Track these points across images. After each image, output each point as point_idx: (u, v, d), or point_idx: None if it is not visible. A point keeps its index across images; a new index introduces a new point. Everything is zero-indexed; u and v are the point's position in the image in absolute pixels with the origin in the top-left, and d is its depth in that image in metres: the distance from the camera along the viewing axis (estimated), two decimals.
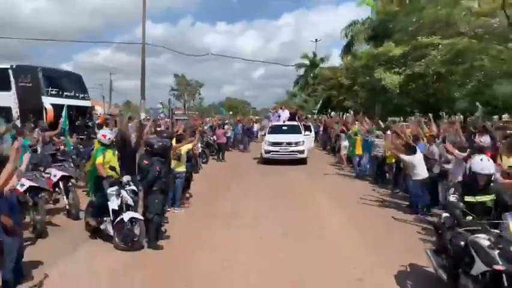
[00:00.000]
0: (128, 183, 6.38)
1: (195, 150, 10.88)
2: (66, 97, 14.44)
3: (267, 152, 16.33)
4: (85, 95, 15.92)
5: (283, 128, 17.61)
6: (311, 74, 39.97)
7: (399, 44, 20.50)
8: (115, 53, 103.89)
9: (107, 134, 6.90)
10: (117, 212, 6.25)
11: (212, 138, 18.35)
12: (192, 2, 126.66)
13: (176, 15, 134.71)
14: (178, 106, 57.11)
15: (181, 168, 8.53)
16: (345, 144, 15.52)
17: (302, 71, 41.70)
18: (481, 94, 18.11)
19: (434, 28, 18.33)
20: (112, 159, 6.78)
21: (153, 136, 8.97)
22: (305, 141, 16.67)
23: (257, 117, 39.91)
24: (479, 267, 3.72)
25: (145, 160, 6.57)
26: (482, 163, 4.32)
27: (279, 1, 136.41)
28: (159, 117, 21.05)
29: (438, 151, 8.22)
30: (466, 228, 4.17)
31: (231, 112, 41.47)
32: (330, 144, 21.02)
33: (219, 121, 23.20)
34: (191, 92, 68.92)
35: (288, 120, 19.00)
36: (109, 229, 6.36)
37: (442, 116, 11.29)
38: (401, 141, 9.23)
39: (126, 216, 6.12)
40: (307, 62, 41.24)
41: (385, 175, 12.11)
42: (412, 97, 22.19)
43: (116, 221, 6.20)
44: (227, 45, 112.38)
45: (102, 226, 6.51)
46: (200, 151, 14.13)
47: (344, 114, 21.33)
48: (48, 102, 13.51)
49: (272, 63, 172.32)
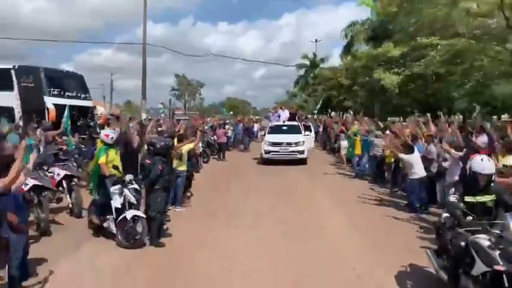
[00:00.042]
0: (130, 181, 6.48)
1: (196, 149, 10.98)
2: (68, 97, 14.50)
3: (267, 152, 16.18)
4: (87, 95, 15.99)
5: (283, 128, 17.45)
6: (311, 74, 40.07)
7: (398, 45, 20.59)
8: (116, 53, 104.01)
9: (110, 134, 7.01)
10: (120, 210, 6.35)
11: (213, 138, 18.40)
12: (192, 2, 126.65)
13: (176, 15, 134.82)
14: (179, 106, 57.30)
15: (183, 167, 8.62)
16: (344, 144, 15.58)
17: (302, 71, 41.86)
18: (480, 94, 18.23)
19: (433, 29, 18.40)
20: (115, 158, 6.90)
21: (154, 136, 9.07)
22: (305, 141, 16.52)
23: (257, 117, 40.01)
24: (479, 267, 3.71)
25: (147, 159, 6.67)
26: (482, 163, 4.28)
27: (280, 1, 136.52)
28: (160, 117, 21.17)
29: (436, 150, 8.33)
30: (467, 228, 4.15)
31: (232, 112, 41.51)
32: (330, 144, 21.09)
33: (220, 121, 23.30)
34: (192, 92, 68.96)
35: (288, 120, 18.85)
36: (112, 227, 6.45)
37: (440, 116, 11.37)
38: (400, 140, 9.34)
39: (129, 214, 6.23)
40: (307, 63, 41.40)
41: (384, 174, 12.20)
42: (411, 97, 22.32)
43: (119, 219, 6.29)
44: (228, 45, 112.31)
45: (105, 224, 6.60)
46: (201, 151, 14.22)
47: (344, 114, 21.39)
48: (50, 102, 13.56)
49: (272, 63, 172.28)
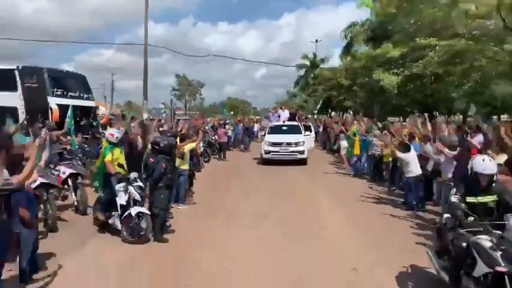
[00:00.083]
0: (135, 179, 6.67)
1: (198, 149, 11.17)
2: (71, 97, 14.60)
3: (267, 153, 16.12)
4: (89, 96, 16.09)
5: (283, 128, 17.38)
6: (311, 75, 40.13)
7: (397, 46, 20.70)
8: (116, 54, 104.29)
9: (114, 133, 7.21)
10: (125, 207, 6.54)
11: (214, 137, 18.57)
12: (193, 2, 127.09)
13: (177, 15, 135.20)
14: (179, 106, 57.49)
15: (185, 166, 8.84)
16: (344, 144, 15.69)
17: (303, 72, 41.96)
18: (479, 94, 18.34)
19: (433, 30, 18.53)
20: (120, 157, 7.08)
21: (157, 135, 9.25)
22: (305, 141, 16.43)
23: (257, 117, 40.17)
24: (481, 268, 3.68)
25: (151, 158, 6.85)
26: (484, 163, 4.22)
27: (280, 1, 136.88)
28: (161, 117, 21.37)
29: (432, 149, 8.52)
30: (468, 229, 4.12)
31: (232, 112, 41.72)
32: (329, 144, 21.24)
33: (220, 121, 23.49)
34: (192, 92, 69.19)
35: (288, 120, 18.80)
36: (117, 223, 6.65)
37: (436, 116, 11.57)
38: (396, 139, 9.55)
39: (133, 211, 6.41)
40: (307, 63, 41.54)
41: (382, 173, 12.38)
42: (410, 97, 22.40)
43: (124, 216, 6.48)
44: (228, 45, 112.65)
45: (110, 220, 6.80)
46: (202, 150, 14.41)
47: (344, 114, 21.56)
48: (54, 102, 13.67)
49: (273, 64, 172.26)
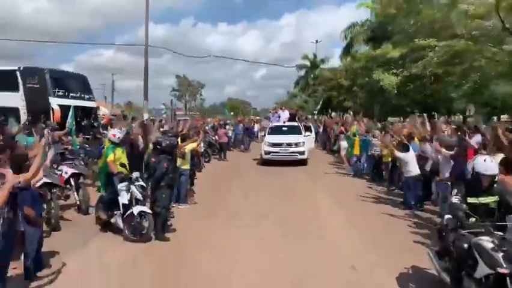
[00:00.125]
0: (137, 179, 6.76)
1: (199, 149, 11.25)
2: (72, 98, 14.68)
3: (267, 153, 16.05)
4: (90, 96, 16.17)
5: (283, 129, 17.31)
6: (312, 75, 40.23)
7: (397, 46, 20.81)
8: (116, 54, 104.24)
9: (116, 134, 7.29)
10: (127, 206, 6.62)
11: (214, 138, 18.63)
12: (193, 3, 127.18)
13: (177, 15, 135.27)
14: (180, 107, 57.51)
15: (186, 166, 8.92)
16: (344, 144, 15.74)
17: (303, 72, 42.05)
18: (479, 95, 18.45)
19: (432, 30, 18.60)
20: (122, 156, 7.17)
21: (158, 135, 9.33)
22: (305, 142, 16.35)
23: (257, 117, 40.22)
24: (482, 270, 3.66)
25: (153, 158, 6.94)
26: (485, 164, 4.19)
27: (280, 1, 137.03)
28: (162, 117, 21.43)
29: (431, 149, 8.61)
30: (469, 230, 4.10)
31: (232, 113, 41.78)
32: (329, 144, 21.31)
33: (221, 121, 23.57)
34: (192, 93, 69.19)
35: (288, 120, 18.75)
36: (119, 222, 6.73)
37: (434, 117, 11.66)
38: (395, 139, 9.64)
39: (135, 210, 6.51)
40: (307, 63, 41.61)
41: (381, 173, 12.46)
42: (410, 98, 22.52)
43: (126, 215, 6.57)
44: (228, 45, 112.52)
45: (112, 220, 6.88)
46: (203, 150, 14.49)
47: (344, 114, 21.63)
48: (55, 103, 13.77)
49: (273, 64, 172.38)
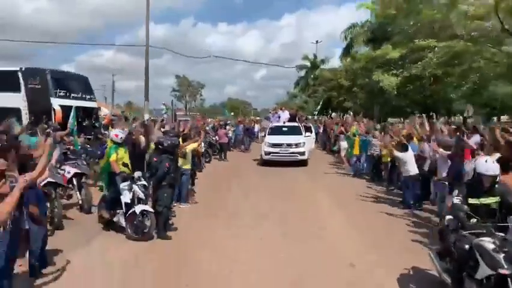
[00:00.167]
0: (139, 178, 6.86)
1: (199, 149, 11.33)
2: (73, 98, 14.77)
3: (267, 154, 15.99)
4: (92, 97, 16.28)
5: (283, 129, 17.29)
6: (312, 76, 40.32)
7: (397, 47, 20.90)
8: (116, 54, 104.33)
9: (119, 134, 7.38)
10: (129, 205, 6.72)
11: (214, 138, 18.71)
12: (193, 3, 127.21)
13: (177, 15, 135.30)
14: (180, 107, 57.57)
15: (187, 165, 9.01)
16: (344, 145, 15.81)
17: (303, 73, 42.16)
18: (479, 95, 18.54)
19: (432, 31, 18.69)
20: (124, 156, 7.27)
21: (160, 135, 9.42)
22: (306, 142, 16.33)
23: (258, 117, 40.30)
24: (484, 271, 3.65)
25: (155, 157, 7.03)
26: (487, 164, 4.18)
27: (281, 2, 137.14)
28: (163, 117, 21.51)
29: (429, 149, 8.70)
30: (470, 231, 4.09)
31: (232, 113, 41.83)
32: (329, 144, 21.39)
33: (221, 122, 23.65)
34: (192, 93, 69.18)
35: (288, 121, 18.74)
36: (122, 221, 6.82)
37: (433, 117, 11.75)
38: (395, 139, 9.74)
39: (138, 209, 6.60)
40: (308, 64, 41.72)
41: (381, 173, 12.55)
42: (410, 98, 22.61)
43: (128, 214, 6.67)
44: (228, 45, 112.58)
45: (115, 218, 6.97)
46: (203, 150, 14.57)
47: (344, 115, 21.70)
48: (56, 103, 13.88)
49: (273, 65, 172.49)
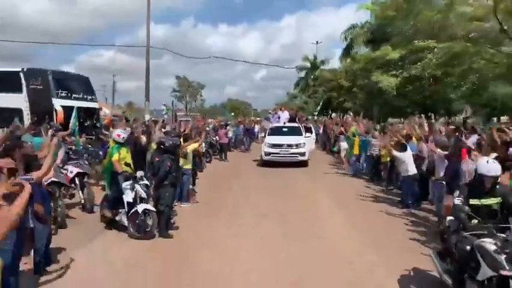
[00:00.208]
0: (141, 177, 6.95)
1: (200, 149, 11.42)
2: (75, 99, 14.83)
3: (267, 154, 15.92)
4: (93, 97, 16.34)
5: (283, 130, 17.24)
6: (312, 76, 40.41)
7: (396, 48, 20.99)
8: (117, 54, 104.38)
9: (121, 134, 7.49)
10: (131, 204, 6.80)
11: (215, 138, 18.78)
12: (193, 3, 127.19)
13: (177, 16, 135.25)
14: (180, 107, 57.64)
15: (188, 165, 9.11)
16: (344, 145, 15.87)
17: (303, 73, 42.27)
18: (478, 96, 18.62)
19: (431, 32, 18.76)
20: (126, 156, 7.38)
21: (161, 135, 9.52)
22: (306, 143, 16.28)
23: (258, 118, 40.38)
24: (485, 272, 3.63)
25: (157, 157, 7.12)
26: (488, 165, 4.16)
27: (281, 2, 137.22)
28: (164, 117, 21.60)
29: (427, 149, 8.78)
30: (472, 232, 4.07)
31: (233, 113, 41.93)
32: (329, 145, 21.47)
33: (221, 122, 23.73)
34: (192, 94, 69.18)
35: (288, 121, 18.75)
36: (124, 220, 6.91)
37: (431, 118, 11.85)
38: (394, 139, 9.83)
39: (140, 208, 6.68)
40: (308, 64, 41.80)
41: (380, 173, 12.62)
42: (409, 99, 22.69)
43: (130, 213, 6.76)
44: (229, 46, 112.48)
45: (117, 217, 7.06)
46: (204, 151, 14.66)
47: (344, 115, 21.77)
48: (58, 104, 13.96)
49: (273, 65, 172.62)
